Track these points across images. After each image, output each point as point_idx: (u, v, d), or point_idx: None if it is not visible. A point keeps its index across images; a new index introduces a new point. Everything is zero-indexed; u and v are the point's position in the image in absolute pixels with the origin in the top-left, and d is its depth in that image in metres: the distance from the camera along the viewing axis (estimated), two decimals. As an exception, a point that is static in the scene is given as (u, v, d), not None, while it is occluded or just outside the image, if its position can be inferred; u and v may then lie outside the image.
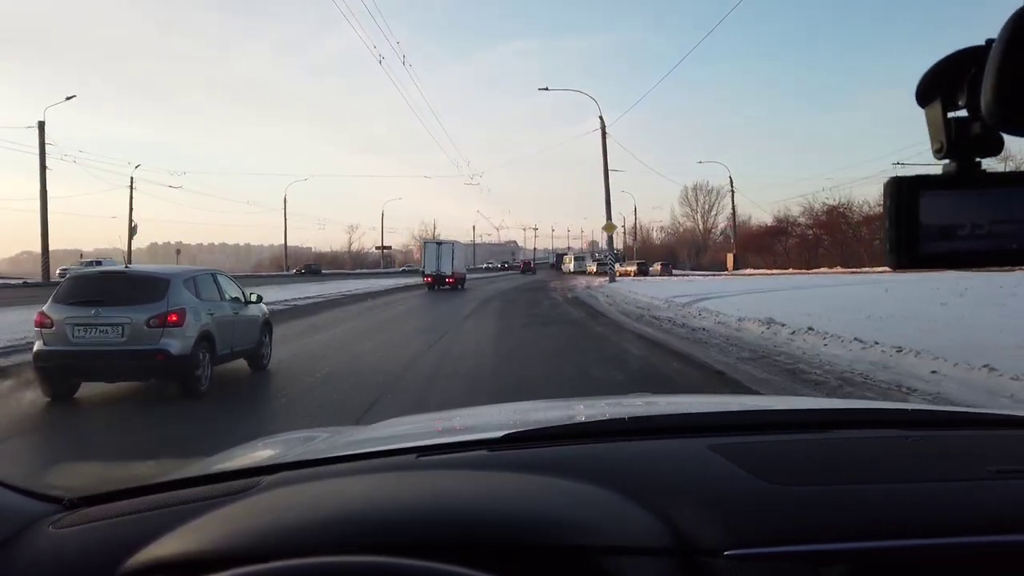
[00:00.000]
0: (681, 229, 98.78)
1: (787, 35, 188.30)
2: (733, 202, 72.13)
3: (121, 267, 8.17)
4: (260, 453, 1.64)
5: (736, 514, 0.91)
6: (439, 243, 41.89)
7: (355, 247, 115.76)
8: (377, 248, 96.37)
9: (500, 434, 1.25)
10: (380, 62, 34.22)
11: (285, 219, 74.46)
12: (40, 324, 7.47)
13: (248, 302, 9.51)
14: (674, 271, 65.10)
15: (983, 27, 0.73)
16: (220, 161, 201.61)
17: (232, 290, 9.35)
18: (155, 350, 7.31)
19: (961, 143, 0.76)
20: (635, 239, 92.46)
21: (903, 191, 0.77)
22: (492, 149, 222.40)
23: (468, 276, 44.59)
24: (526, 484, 1.02)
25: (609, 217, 39.73)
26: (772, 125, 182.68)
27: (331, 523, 0.91)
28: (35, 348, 7.52)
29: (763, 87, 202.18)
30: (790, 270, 58.34)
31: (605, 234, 41.53)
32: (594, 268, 70.19)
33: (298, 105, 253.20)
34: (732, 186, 71.19)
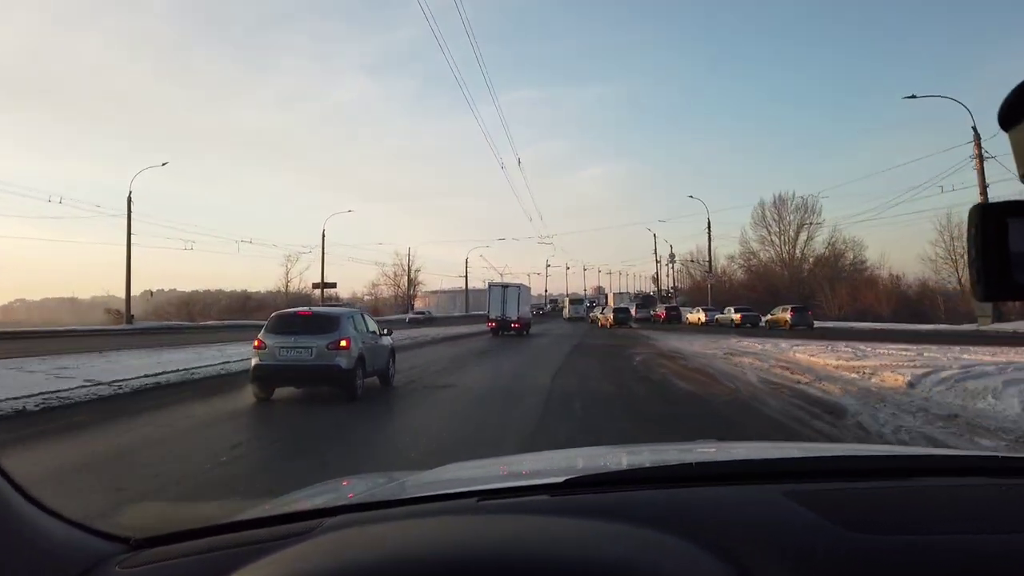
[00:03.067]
0: (754, 260, 72.20)
1: None
2: (982, 178, 31.16)
3: (308, 308, 12.07)
4: (322, 496, 1.72)
5: (816, 564, 0.88)
6: (504, 286, 39.35)
7: (296, 285, 75.11)
8: (316, 286, 61.55)
9: (562, 479, 1.24)
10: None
11: (129, 235, 41.28)
12: (258, 347, 11.30)
13: (382, 335, 13.23)
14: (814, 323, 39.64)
15: None
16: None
17: (372, 325, 13.12)
18: (332, 365, 11.01)
19: None
20: (710, 270, 64.60)
21: (989, 219, 0.75)
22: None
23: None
24: (589, 529, 1.00)
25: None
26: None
27: (393, 564, 0.92)
28: (253, 363, 11.33)
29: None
30: None
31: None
32: (611, 318, 52.06)
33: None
34: (979, 144, 30.82)
